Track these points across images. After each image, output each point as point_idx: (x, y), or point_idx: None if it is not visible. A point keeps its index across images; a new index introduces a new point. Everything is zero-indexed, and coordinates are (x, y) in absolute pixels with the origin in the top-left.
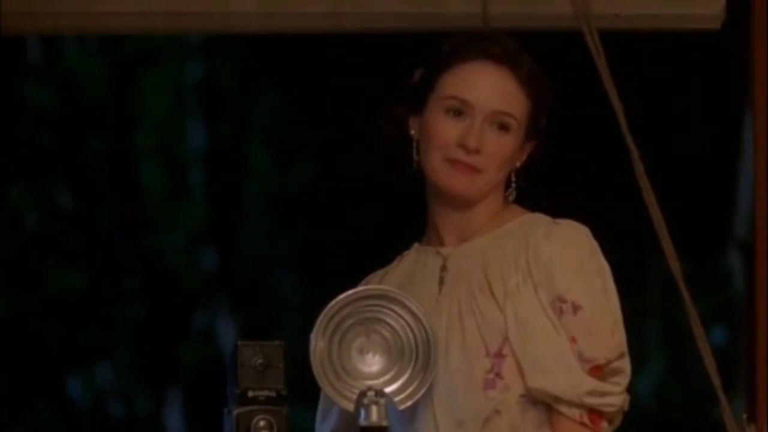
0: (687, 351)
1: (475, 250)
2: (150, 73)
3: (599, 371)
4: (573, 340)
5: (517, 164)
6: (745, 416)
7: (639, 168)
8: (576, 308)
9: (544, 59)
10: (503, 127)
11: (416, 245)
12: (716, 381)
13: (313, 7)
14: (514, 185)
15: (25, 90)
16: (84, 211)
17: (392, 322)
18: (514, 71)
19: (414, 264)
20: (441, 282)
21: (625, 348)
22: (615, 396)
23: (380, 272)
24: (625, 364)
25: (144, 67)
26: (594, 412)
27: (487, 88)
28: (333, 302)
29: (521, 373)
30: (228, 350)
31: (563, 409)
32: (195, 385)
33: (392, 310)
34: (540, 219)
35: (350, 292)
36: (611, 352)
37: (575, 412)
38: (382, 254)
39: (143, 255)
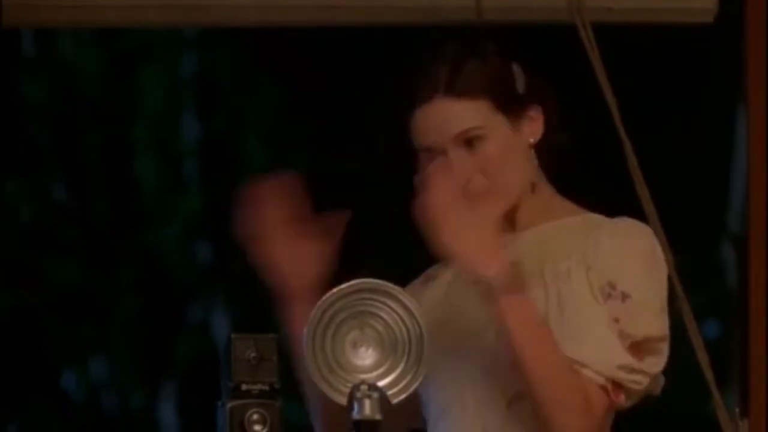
0: (680, 345)
1: (533, 239)
2: (146, 66)
3: (639, 346)
4: (616, 320)
5: (531, 140)
6: (738, 410)
7: (632, 161)
8: (625, 297)
9: (537, 52)
10: (474, 142)
11: None
12: (709, 375)
13: (308, 0)
14: (535, 161)
15: (21, 83)
16: (79, 205)
17: (385, 316)
18: (451, 93)
19: None
20: None
21: (667, 332)
22: (644, 375)
23: None
24: (665, 347)
25: (140, 60)
26: (618, 385)
27: (435, 126)
28: (326, 296)
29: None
30: (222, 344)
31: (587, 372)
32: (189, 379)
33: (385, 304)
34: (602, 218)
35: (343, 285)
36: (654, 331)
37: (600, 378)
38: (379, 249)
39: (138, 248)
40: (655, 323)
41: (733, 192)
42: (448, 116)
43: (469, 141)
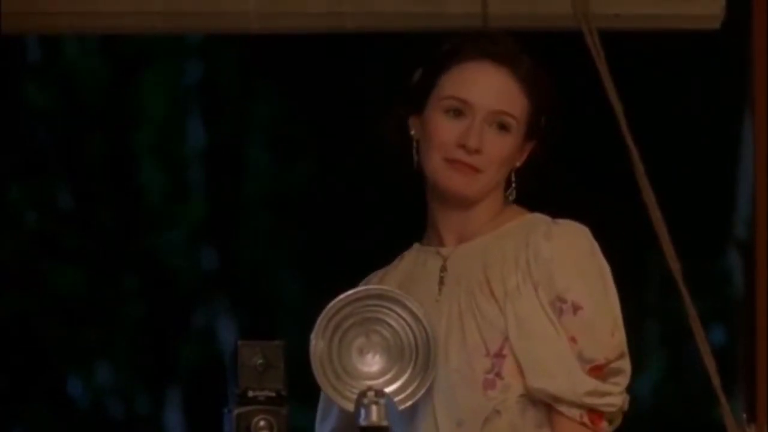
0: (686, 350)
1: (475, 250)
2: (149, 72)
3: (599, 371)
4: (573, 340)
5: (517, 164)
6: (745, 416)
7: (639, 168)
8: (576, 308)
9: (544, 59)
10: (503, 127)
11: (417, 245)
12: (716, 381)
13: (312, 7)
14: (514, 185)
15: (25, 89)
16: (83, 211)
17: (392, 322)
18: (514, 71)
19: (414, 264)
20: (441, 282)
21: (624, 348)
22: (615, 396)
23: (380, 272)
24: (625, 364)
25: (143, 66)
26: (594, 412)
27: (486, 88)
28: (333, 302)
29: (521, 373)
30: (228, 350)
31: (563, 409)
32: (195, 385)
33: (392, 310)
34: (540, 219)
35: (350, 292)
36: (611, 352)
37: (575, 413)
38: (382, 254)
39: (143, 254)
40: (612, 342)
41: (739, 198)
42: (505, 89)
43: (501, 123)
